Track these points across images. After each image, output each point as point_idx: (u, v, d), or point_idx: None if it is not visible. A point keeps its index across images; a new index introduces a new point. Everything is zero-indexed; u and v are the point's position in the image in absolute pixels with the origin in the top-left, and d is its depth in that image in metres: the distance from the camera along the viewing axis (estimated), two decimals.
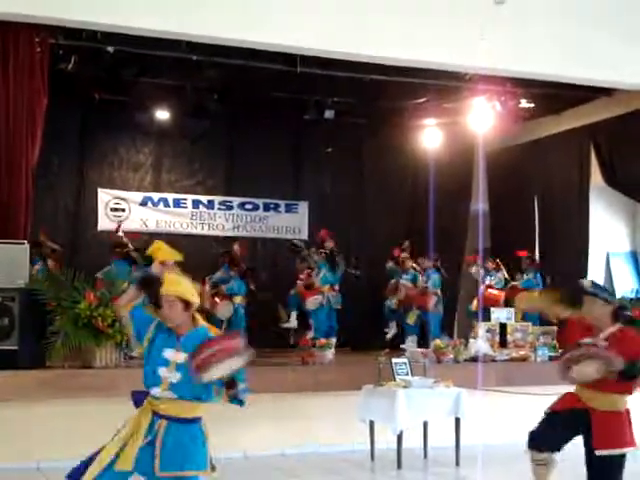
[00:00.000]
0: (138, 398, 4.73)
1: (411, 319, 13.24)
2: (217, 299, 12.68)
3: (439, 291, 13.31)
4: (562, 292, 5.69)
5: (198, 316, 4.77)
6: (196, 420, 4.68)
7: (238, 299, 12.70)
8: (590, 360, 5.39)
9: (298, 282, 13.40)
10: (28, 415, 8.14)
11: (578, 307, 5.58)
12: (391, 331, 13.79)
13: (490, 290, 13.27)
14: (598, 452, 5.55)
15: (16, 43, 9.38)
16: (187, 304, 4.64)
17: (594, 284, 5.73)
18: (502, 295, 13.10)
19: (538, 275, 13.28)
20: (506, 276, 13.62)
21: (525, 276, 13.35)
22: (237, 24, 9.19)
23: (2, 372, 8.33)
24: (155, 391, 4.61)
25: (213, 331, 4.77)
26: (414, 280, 13.56)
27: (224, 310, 12.66)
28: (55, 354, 8.72)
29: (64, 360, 8.77)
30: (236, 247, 13.46)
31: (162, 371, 4.61)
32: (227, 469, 8.31)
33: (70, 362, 8.77)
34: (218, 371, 4.37)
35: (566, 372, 5.51)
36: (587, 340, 5.53)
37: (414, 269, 13.73)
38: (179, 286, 4.67)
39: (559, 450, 5.74)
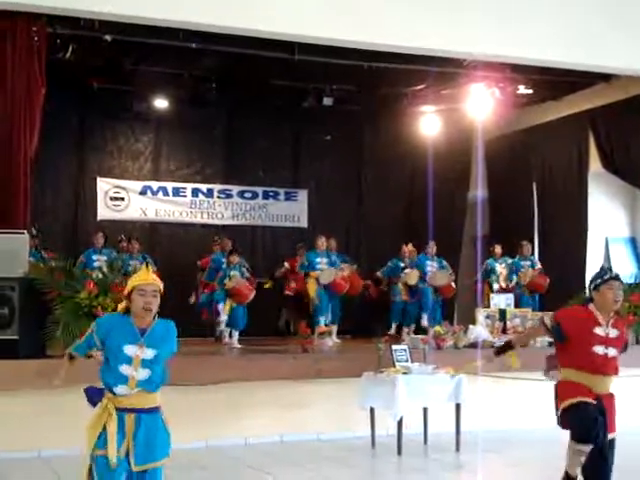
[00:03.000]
0: (95, 395, 4.56)
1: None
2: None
3: None
4: None
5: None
6: (159, 408, 4.55)
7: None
8: None
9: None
10: (29, 404, 8.16)
11: None
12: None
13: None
14: (610, 436, 5.64)
15: (13, 33, 9.33)
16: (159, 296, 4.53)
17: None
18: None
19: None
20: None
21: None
22: (235, 12, 9.19)
23: (2, 361, 8.31)
24: (122, 390, 4.44)
25: None
26: None
27: None
28: (55, 343, 8.70)
29: (64, 349, 8.73)
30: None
31: (125, 369, 4.44)
32: (228, 455, 8.39)
33: None
34: None
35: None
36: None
37: None
38: (156, 278, 4.58)
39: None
